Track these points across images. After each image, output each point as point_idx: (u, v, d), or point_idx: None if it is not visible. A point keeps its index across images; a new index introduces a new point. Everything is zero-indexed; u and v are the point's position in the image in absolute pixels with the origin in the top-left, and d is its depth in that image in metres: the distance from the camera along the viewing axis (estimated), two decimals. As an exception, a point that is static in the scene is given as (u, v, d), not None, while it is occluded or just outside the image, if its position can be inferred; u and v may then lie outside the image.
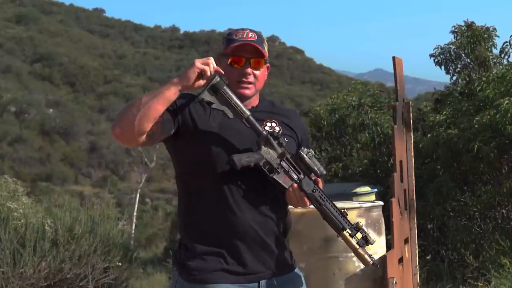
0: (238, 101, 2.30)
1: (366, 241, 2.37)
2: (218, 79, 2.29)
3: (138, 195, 24.24)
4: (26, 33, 52.56)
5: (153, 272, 11.76)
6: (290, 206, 2.40)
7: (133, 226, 18.58)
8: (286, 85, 54.61)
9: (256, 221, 2.30)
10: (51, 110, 41.05)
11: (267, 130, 2.36)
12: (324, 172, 2.38)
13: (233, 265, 2.28)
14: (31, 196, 7.99)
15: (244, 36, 2.37)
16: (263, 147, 2.33)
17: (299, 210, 4.08)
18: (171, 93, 2.22)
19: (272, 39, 66.29)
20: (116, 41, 62.04)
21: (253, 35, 2.39)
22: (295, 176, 2.34)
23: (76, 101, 45.08)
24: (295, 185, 2.32)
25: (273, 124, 2.39)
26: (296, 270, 2.46)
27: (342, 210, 2.39)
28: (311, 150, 2.36)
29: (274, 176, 2.33)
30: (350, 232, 2.36)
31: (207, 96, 2.29)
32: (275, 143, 2.34)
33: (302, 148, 2.36)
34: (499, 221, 6.95)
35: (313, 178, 2.35)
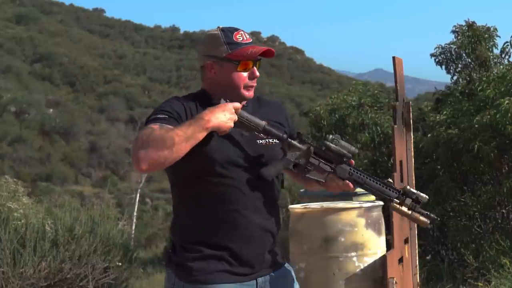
0: (249, 117, 2.31)
1: (417, 202, 2.36)
2: None
3: (138, 195, 24.25)
4: (26, 33, 52.56)
5: (153, 272, 11.77)
6: (290, 206, 2.41)
7: (133, 226, 18.57)
8: (286, 85, 54.63)
9: (259, 223, 2.34)
10: (51, 110, 41.06)
11: (287, 134, 2.38)
12: (356, 151, 2.39)
13: (235, 266, 2.31)
14: (32, 197, 7.99)
15: (245, 38, 2.37)
16: (287, 151, 2.36)
17: (299, 210, 4.08)
18: (203, 136, 2.21)
19: (272, 39, 66.30)
20: (116, 41, 62.05)
21: (249, 36, 2.40)
22: (328, 168, 2.36)
23: (76, 101, 45.08)
24: (331, 175, 2.36)
25: None
26: (286, 264, 2.49)
27: (386, 181, 2.39)
28: (336, 135, 2.38)
29: (308, 175, 2.36)
30: (398, 200, 2.35)
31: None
32: (296, 143, 2.37)
33: (327, 136, 2.38)
34: (499, 221, 6.94)
35: (346, 161, 2.37)
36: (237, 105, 2.28)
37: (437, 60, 8.25)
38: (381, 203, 4.20)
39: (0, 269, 6.18)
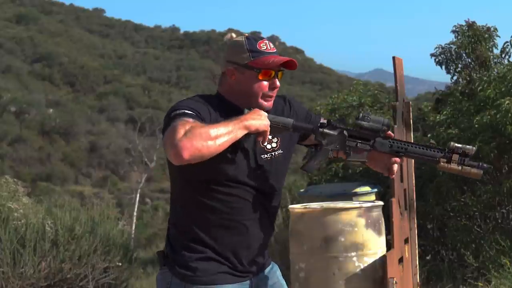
0: (276, 118, 2.34)
1: (465, 155, 2.32)
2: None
3: (138, 195, 24.25)
4: (26, 33, 52.53)
5: (153, 272, 11.77)
6: (290, 206, 2.44)
7: (133, 226, 18.57)
8: (286, 85, 54.63)
9: (259, 234, 2.42)
10: (51, 110, 41.03)
11: (316, 125, 2.40)
12: (389, 124, 2.38)
13: (235, 269, 2.39)
14: (32, 197, 8.00)
15: (269, 48, 2.39)
16: (323, 141, 2.37)
17: (299, 210, 4.08)
18: (242, 134, 2.23)
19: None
20: (116, 41, 62.01)
21: (273, 46, 2.42)
22: (367, 147, 2.36)
23: (76, 101, 45.06)
24: (372, 154, 2.36)
25: (271, 137, 2.42)
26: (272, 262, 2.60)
27: (429, 143, 2.37)
28: (366, 112, 2.36)
29: (349, 159, 2.37)
30: (445, 159, 2.31)
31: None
32: (329, 131, 2.38)
33: (358, 115, 2.37)
34: (499, 221, 6.94)
35: (382, 135, 2.36)
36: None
37: (437, 60, 8.24)
38: (381, 203, 4.19)
39: (0, 269, 6.18)
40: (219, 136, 2.14)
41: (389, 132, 2.38)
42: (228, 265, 2.37)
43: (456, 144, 2.31)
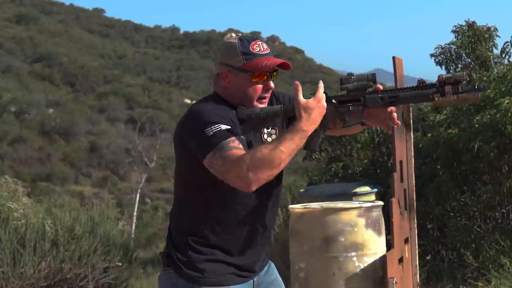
0: (265, 109, 2.35)
1: (457, 82, 2.27)
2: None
3: (138, 195, 24.26)
4: (26, 33, 52.52)
5: (153, 272, 11.77)
6: (290, 206, 2.46)
7: (133, 226, 18.58)
8: (286, 85, 54.63)
9: (266, 235, 2.46)
10: (51, 110, 41.02)
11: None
12: (374, 78, 2.34)
13: (241, 269, 2.41)
14: (32, 197, 8.00)
15: (262, 49, 2.37)
16: None
17: (299, 210, 4.07)
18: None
19: (272, 39, 66.24)
20: (116, 41, 61.99)
21: (267, 47, 2.40)
22: (359, 107, 2.34)
23: (76, 101, 45.04)
24: (368, 111, 2.34)
25: (270, 130, 2.43)
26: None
27: (418, 82, 2.33)
28: (349, 74, 2.34)
29: (346, 124, 2.37)
30: (439, 94, 2.27)
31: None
32: None
33: (341, 80, 2.36)
34: (499, 221, 6.94)
35: (371, 90, 2.35)
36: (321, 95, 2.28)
37: (437, 60, 8.24)
38: (381, 203, 4.19)
39: (0, 269, 6.18)
40: (283, 161, 2.16)
41: (378, 85, 2.35)
42: (235, 266, 2.39)
43: (445, 75, 2.28)
